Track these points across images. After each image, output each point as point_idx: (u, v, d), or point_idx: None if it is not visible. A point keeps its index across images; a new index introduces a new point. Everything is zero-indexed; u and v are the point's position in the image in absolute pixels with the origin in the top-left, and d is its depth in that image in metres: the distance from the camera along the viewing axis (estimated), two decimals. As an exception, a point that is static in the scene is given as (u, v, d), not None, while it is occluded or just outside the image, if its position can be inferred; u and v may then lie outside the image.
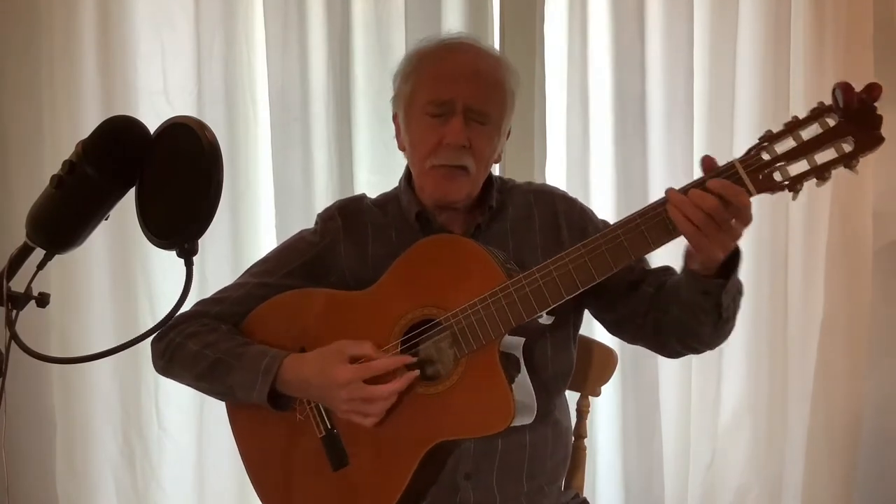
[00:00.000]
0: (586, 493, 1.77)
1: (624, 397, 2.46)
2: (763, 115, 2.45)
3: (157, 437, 2.43)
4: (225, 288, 1.64)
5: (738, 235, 1.32)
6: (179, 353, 1.55)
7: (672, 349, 1.54)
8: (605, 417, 2.48)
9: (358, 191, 2.33)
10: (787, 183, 1.27)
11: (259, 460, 1.60)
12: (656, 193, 2.41)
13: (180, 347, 1.54)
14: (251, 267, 1.66)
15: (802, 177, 1.27)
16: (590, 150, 2.43)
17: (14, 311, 1.12)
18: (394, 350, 1.47)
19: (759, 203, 2.51)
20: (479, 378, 1.42)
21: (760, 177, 1.28)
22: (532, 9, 2.38)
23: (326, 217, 1.64)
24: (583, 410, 1.77)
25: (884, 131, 1.23)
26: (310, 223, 1.69)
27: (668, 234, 1.34)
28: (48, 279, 1.24)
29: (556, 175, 2.43)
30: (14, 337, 1.10)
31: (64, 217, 1.13)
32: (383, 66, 2.38)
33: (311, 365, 1.47)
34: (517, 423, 1.41)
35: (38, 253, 1.15)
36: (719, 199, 1.27)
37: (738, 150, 2.44)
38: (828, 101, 1.25)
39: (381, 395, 1.43)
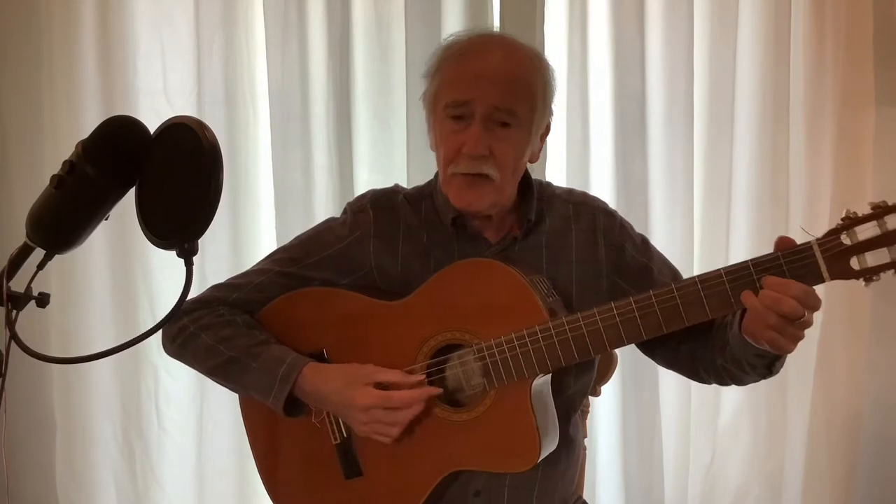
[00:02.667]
0: (586, 494, 1.77)
1: (624, 397, 2.46)
2: (763, 116, 2.45)
3: (157, 437, 2.43)
4: (244, 273, 1.60)
5: (809, 324, 1.25)
6: (192, 344, 1.51)
7: (705, 381, 1.50)
8: (605, 417, 2.48)
9: (358, 191, 2.34)
10: (863, 272, 1.21)
11: (269, 456, 1.58)
12: (656, 193, 2.43)
13: (193, 338, 1.51)
14: (274, 252, 1.61)
15: (881, 269, 1.20)
16: (590, 150, 2.43)
17: (14, 311, 1.12)
18: (421, 370, 1.44)
19: (759, 203, 2.52)
20: (508, 415, 1.39)
21: (837, 264, 1.21)
22: (532, 9, 2.38)
23: (358, 209, 1.57)
24: (583, 410, 1.76)
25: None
26: (310, 223, 1.67)
27: (728, 307, 1.28)
28: (48, 279, 1.24)
29: (556, 175, 2.43)
30: (14, 337, 1.09)
31: (64, 217, 1.13)
32: (383, 66, 2.38)
33: (334, 381, 1.44)
34: (540, 459, 1.39)
35: (38, 253, 1.15)
36: (797, 303, 1.20)
37: (738, 151, 2.48)
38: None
39: (400, 421, 1.41)
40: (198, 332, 1.51)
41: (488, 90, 1.40)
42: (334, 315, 1.52)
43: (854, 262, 1.21)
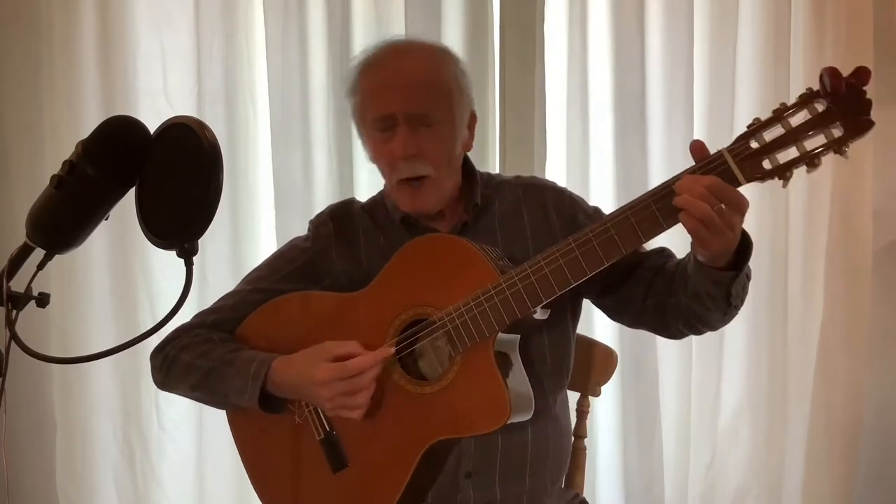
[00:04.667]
0: (586, 493, 1.77)
1: (624, 397, 2.46)
2: (763, 115, 2.44)
3: (157, 437, 2.43)
4: (221, 298, 1.66)
5: (736, 225, 1.30)
6: (174, 367, 1.56)
7: (676, 331, 1.53)
8: (605, 417, 2.48)
9: (358, 191, 2.34)
10: (776, 171, 1.26)
11: (259, 463, 1.60)
12: (656, 193, 2.43)
13: (175, 361, 1.56)
14: (245, 277, 1.67)
15: (792, 164, 1.26)
16: (590, 150, 2.43)
17: (14, 311, 1.12)
18: (389, 348, 1.47)
19: (759, 203, 2.52)
20: (475, 376, 1.41)
21: (749, 165, 1.27)
22: (532, 9, 2.38)
23: (318, 223, 1.65)
24: (583, 410, 1.77)
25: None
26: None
27: (658, 227, 1.33)
28: (48, 279, 1.25)
29: (556, 175, 2.43)
30: (14, 337, 1.09)
31: (64, 217, 1.13)
32: (383, 66, 2.38)
33: (296, 366, 1.47)
34: (514, 419, 1.41)
35: (38, 253, 1.15)
36: (707, 190, 1.26)
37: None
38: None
39: (361, 386, 1.42)
40: (178, 353, 1.56)
41: (403, 99, 1.49)
42: (306, 316, 1.56)
43: (766, 164, 1.27)
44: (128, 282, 2.38)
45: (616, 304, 1.58)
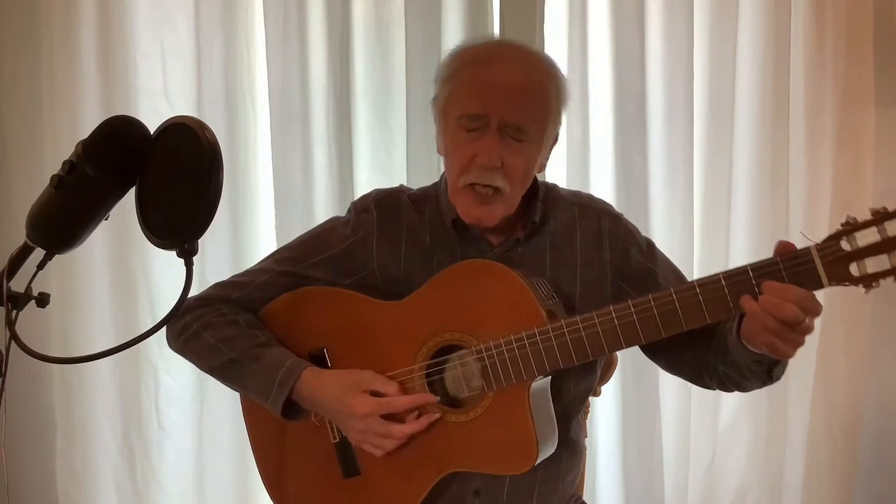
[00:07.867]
0: (586, 494, 1.77)
1: (624, 397, 2.46)
2: (763, 116, 2.45)
3: (157, 437, 2.43)
4: (247, 271, 1.60)
5: (810, 330, 1.26)
6: (194, 342, 1.52)
7: (709, 387, 1.51)
8: (605, 417, 2.48)
9: (358, 191, 2.34)
10: (862, 279, 1.21)
11: (268, 452, 1.58)
12: (656, 193, 2.43)
13: (196, 336, 1.51)
14: (277, 251, 1.61)
15: (881, 275, 1.20)
16: (590, 150, 2.43)
17: (14, 311, 1.12)
18: (420, 370, 1.44)
19: (759, 203, 2.51)
20: (506, 416, 1.39)
21: (837, 270, 1.21)
22: (532, 9, 2.38)
23: (361, 209, 1.56)
24: (583, 410, 1.76)
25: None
26: (310, 223, 1.67)
27: (727, 311, 1.27)
28: (48, 279, 1.25)
29: (556, 175, 2.42)
30: (14, 337, 1.10)
31: (64, 217, 1.13)
32: (383, 66, 2.38)
33: (331, 387, 1.44)
34: (538, 462, 1.39)
35: (38, 253, 1.15)
36: (797, 307, 1.21)
37: (738, 151, 2.47)
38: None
39: (396, 435, 1.41)
40: (200, 330, 1.51)
41: (503, 104, 1.40)
42: (336, 314, 1.52)
43: (853, 269, 1.20)
44: (128, 282, 2.38)
45: (654, 348, 1.50)
